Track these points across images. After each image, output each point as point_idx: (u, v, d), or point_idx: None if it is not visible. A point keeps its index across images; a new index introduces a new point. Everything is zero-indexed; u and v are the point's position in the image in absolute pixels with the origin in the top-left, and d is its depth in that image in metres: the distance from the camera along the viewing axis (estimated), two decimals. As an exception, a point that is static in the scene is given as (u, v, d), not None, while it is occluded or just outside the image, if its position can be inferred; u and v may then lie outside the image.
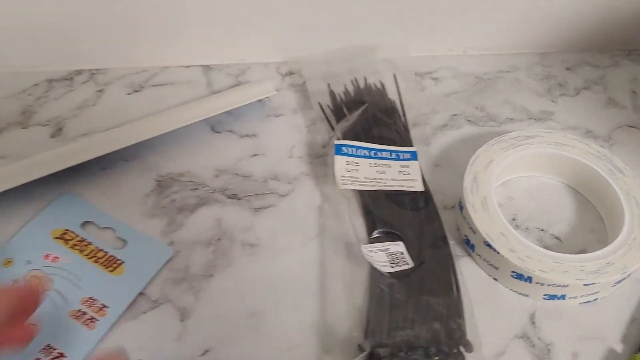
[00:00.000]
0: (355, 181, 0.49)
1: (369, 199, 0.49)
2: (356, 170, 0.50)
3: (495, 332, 0.43)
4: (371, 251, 0.45)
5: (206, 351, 0.41)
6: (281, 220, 0.49)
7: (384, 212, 0.48)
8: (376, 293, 0.43)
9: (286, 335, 0.43)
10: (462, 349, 0.40)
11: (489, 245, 0.45)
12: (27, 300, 0.35)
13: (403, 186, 0.50)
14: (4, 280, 0.44)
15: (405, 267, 0.44)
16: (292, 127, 0.57)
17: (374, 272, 0.44)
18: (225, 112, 0.55)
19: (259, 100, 0.57)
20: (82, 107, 0.57)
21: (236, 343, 0.42)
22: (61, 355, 0.41)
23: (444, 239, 0.47)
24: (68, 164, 0.47)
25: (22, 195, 0.49)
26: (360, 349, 0.40)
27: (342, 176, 0.50)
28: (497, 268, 0.45)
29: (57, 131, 0.54)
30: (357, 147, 0.52)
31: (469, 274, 0.46)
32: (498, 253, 0.44)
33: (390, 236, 0.47)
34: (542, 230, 0.50)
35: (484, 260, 0.46)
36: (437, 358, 0.39)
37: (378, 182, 0.50)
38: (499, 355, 0.42)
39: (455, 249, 0.47)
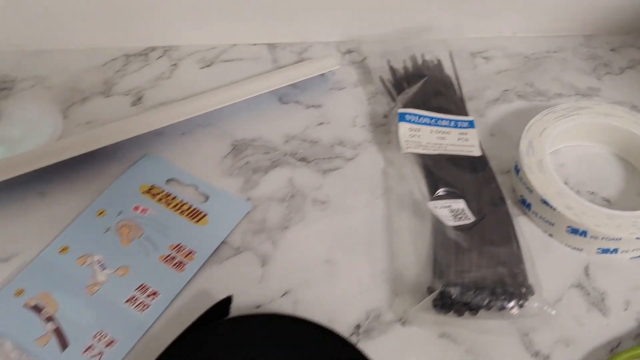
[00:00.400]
0: (417, 146, 0.53)
1: (430, 162, 0.52)
2: (418, 136, 0.54)
3: (552, 282, 0.46)
4: (435, 207, 0.48)
5: (286, 292, 0.45)
6: (348, 181, 0.53)
7: (445, 173, 0.52)
8: (442, 241, 0.46)
9: (358, 280, 0.46)
10: (524, 291, 0.43)
11: (545, 203, 0.48)
12: None
13: (462, 151, 0.53)
14: (98, 229, 0.48)
15: (467, 222, 0.48)
16: (354, 99, 0.61)
17: (438, 224, 0.47)
18: (292, 85, 0.59)
19: (322, 75, 0.61)
20: (159, 79, 0.61)
21: (313, 286, 0.46)
22: (154, 293, 0.45)
23: (502, 198, 0.50)
24: (150, 128, 0.52)
25: (108, 156, 0.53)
26: (430, 290, 0.43)
27: (405, 141, 0.53)
28: (552, 224, 0.49)
29: (137, 100, 0.59)
30: (419, 116, 0.55)
31: (526, 230, 0.50)
32: (555, 210, 0.47)
33: (451, 195, 0.50)
34: (592, 193, 0.53)
35: (540, 217, 0.50)
36: (503, 297, 0.42)
37: (439, 147, 0.53)
38: (556, 301, 0.46)
39: (511, 208, 0.50)
